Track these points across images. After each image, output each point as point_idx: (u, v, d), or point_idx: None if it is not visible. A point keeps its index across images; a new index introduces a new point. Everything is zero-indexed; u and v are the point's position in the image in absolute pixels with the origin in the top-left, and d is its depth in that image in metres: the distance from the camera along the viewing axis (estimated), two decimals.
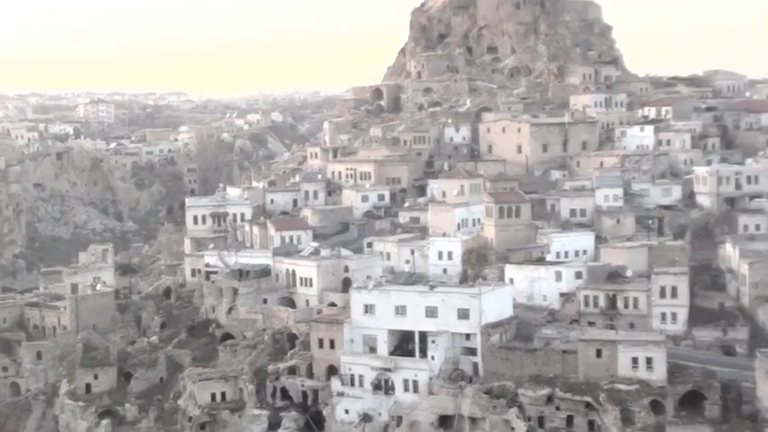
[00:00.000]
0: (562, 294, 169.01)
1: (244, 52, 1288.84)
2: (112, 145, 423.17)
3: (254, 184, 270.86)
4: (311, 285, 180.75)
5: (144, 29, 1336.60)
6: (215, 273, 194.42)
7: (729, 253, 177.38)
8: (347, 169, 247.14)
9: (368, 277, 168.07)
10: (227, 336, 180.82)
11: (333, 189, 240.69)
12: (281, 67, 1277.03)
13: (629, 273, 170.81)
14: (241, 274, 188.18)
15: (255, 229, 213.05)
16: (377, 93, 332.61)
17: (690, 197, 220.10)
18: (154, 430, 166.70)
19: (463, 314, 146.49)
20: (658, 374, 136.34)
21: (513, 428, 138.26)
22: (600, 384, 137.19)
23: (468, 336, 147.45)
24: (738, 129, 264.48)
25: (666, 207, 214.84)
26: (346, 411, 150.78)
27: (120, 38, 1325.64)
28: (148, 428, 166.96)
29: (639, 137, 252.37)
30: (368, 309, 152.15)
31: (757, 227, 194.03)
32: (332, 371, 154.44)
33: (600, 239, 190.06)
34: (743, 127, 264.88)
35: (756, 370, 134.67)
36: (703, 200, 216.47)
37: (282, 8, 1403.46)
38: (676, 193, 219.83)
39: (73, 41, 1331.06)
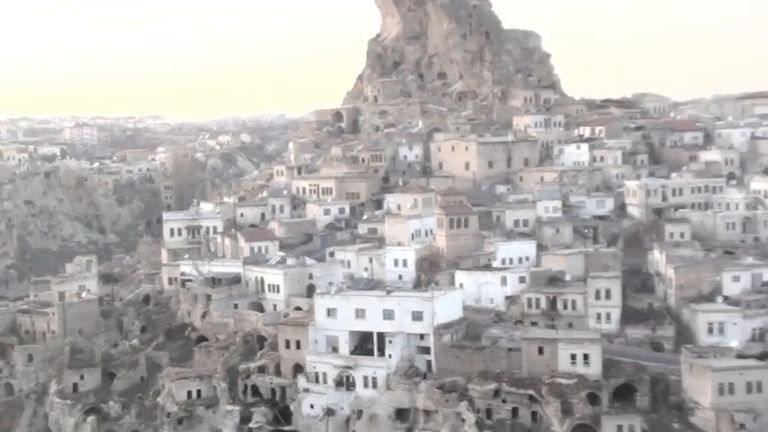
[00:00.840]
0: (507, 297, 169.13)
1: (215, 79, 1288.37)
2: (96, 165, 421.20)
3: (226, 199, 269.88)
4: (278, 291, 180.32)
5: (123, 58, 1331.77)
6: (190, 281, 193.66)
7: (657, 258, 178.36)
8: (310, 185, 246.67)
9: (330, 283, 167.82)
10: (202, 338, 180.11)
11: (297, 203, 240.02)
12: (250, 92, 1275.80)
13: (567, 277, 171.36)
14: (214, 281, 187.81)
15: (227, 241, 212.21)
16: (337, 115, 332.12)
17: (621, 208, 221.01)
18: (136, 425, 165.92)
19: (417, 316, 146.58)
20: (594, 369, 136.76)
21: (463, 420, 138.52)
22: (542, 379, 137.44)
23: (422, 336, 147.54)
24: (664, 146, 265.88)
25: (600, 217, 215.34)
26: (311, 406, 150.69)
27: (102, 66, 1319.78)
28: (131, 424, 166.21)
29: (576, 154, 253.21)
30: (330, 312, 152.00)
31: (682, 235, 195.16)
32: (298, 369, 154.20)
33: (541, 247, 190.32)
34: (668, 144, 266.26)
35: (682, 364, 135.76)
36: (633, 210, 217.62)
37: (250, 38, 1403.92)
38: (609, 204, 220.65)
39: (59, 70, 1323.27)
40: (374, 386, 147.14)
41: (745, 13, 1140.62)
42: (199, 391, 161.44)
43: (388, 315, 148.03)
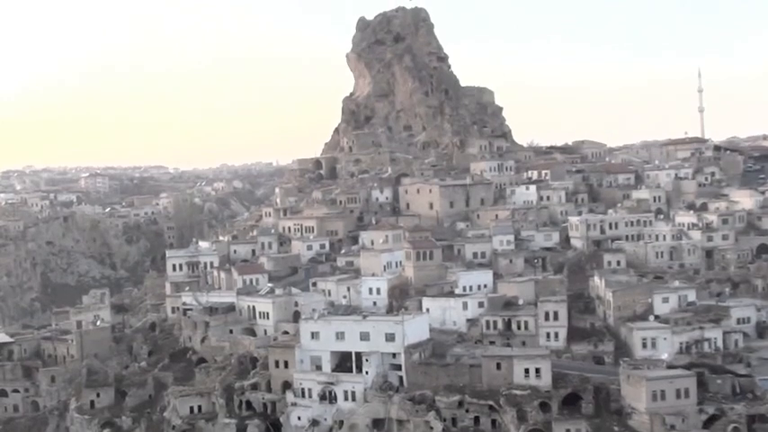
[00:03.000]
0: (468, 320, 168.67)
1: (210, 133, 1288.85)
2: (107, 209, 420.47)
3: (221, 238, 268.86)
4: (268, 318, 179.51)
5: (130, 116, 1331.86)
6: (191, 310, 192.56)
7: (597, 284, 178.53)
8: (295, 224, 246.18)
9: (313, 310, 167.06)
10: (202, 360, 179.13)
11: (284, 240, 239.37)
12: (240, 144, 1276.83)
13: (520, 302, 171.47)
14: (211, 310, 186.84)
15: (222, 274, 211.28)
16: (317, 163, 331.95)
17: (566, 240, 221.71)
18: None
19: (390, 337, 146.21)
20: (545, 381, 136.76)
21: (431, 428, 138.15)
22: (500, 391, 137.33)
23: (394, 354, 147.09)
24: (601, 186, 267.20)
25: (548, 249, 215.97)
26: (299, 418, 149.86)
27: (111, 124, 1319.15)
28: None
29: (525, 194, 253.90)
30: (314, 335, 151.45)
31: (618, 263, 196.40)
32: (286, 386, 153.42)
33: (497, 276, 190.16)
34: (604, 185, 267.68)
35: (620, 375, 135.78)
36: (576, 242, 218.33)
37: (241, 97, 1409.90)
38: (555, 237, 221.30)
39: (75, 126, 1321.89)
40: (353, 399, 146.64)
41: (667, 74, 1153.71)
42: (200, 407, 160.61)
43: (365, 337, 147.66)
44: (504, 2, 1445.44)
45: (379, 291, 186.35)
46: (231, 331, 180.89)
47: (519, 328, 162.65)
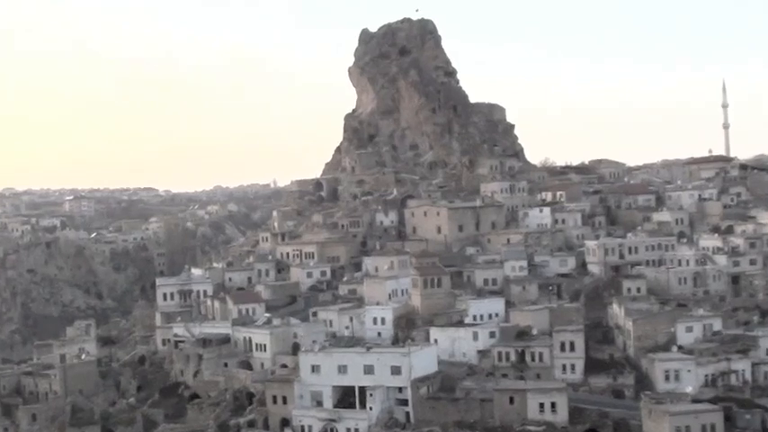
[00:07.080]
0: (479, 351, 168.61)
1: (203, 154, 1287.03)
2: (93, 235, 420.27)
3: (215, 264, 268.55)
4: (265, 350, 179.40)
5: (118, 135, 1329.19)
6: (183, 342, 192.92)
7: (616, 312, 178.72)
8: (294, 250, 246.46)
9: (314, 341, 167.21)
10: (195, 395, 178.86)
11: (282, 267, 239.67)
12: (235, 165, 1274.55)
13: (534, 331, 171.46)
14: (205, 342, 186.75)
15: (216, 304, 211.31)
16: (318, 185, 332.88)
17: (582, 266, 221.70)
18: None
19: (396, 370, 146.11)
20: (561, 416, 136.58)
21: None
22: (513, 427, 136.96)
23: (400, 389, 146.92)
24: (620, 208, 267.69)
25: (563, 275, 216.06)
26: None
27: (97, 143, 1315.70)
28: None
29: (539, 217, 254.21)
30: (314, 368, 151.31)
31: (638, 290, 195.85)
32: (285, 423, 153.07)
33: (509, 304, 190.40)
34: (623, 207, 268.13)
35: (642, 409, 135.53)
36: (593, 268, 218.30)
37: (236, 114, 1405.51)
38: (571, 263, 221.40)
39: (58, 146, 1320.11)
40: None
41: (687, 86, 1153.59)
42: None
43: (369, 370, 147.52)
44: (515, 15, 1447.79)
45: (383, 321, 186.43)
46: (226, 364, 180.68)
47: (533, 359, 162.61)
